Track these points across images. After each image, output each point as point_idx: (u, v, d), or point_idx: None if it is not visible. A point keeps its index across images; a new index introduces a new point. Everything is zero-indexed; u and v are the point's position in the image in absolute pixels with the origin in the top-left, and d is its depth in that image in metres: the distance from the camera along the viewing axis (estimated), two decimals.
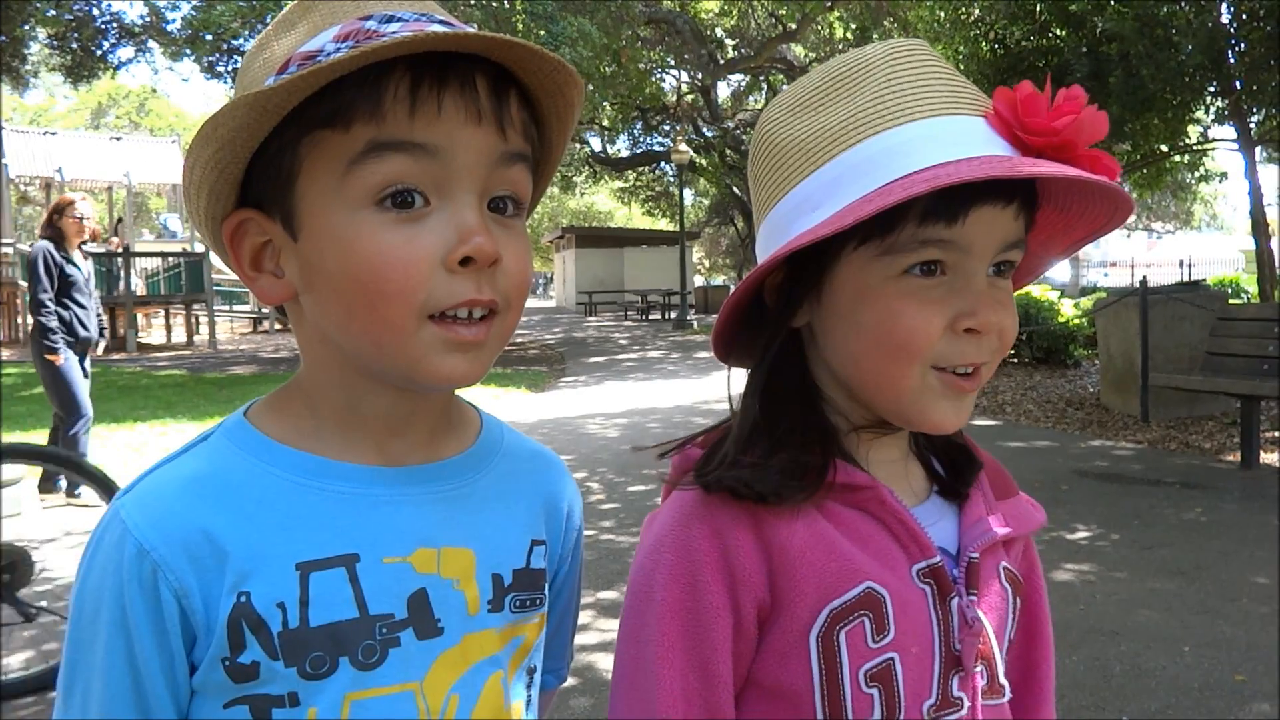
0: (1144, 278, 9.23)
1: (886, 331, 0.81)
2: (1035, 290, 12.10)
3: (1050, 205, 0.88)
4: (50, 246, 6.07)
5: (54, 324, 5.98)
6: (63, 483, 6.35)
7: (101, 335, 6.56)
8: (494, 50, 0.72)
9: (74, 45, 17.91)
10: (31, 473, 5.92)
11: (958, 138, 0.79)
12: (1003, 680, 0.88)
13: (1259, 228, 9.64)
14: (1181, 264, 29.58)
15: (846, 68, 0.85)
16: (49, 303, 5.98)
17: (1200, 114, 10.80)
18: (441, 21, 0.75)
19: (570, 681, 3.38)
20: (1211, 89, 9.50)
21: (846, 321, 0.84)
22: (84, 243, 6.35)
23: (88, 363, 6.46)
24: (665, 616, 0.82)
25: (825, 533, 0.83)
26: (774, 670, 0.83)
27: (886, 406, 0.86)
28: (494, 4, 14.50)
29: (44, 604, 3.67)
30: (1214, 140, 11.83)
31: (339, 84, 0.69)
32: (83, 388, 6.27)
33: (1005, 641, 0.92)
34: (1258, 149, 10.27)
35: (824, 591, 0.81)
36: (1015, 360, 12.01)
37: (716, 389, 11.02)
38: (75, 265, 6.17)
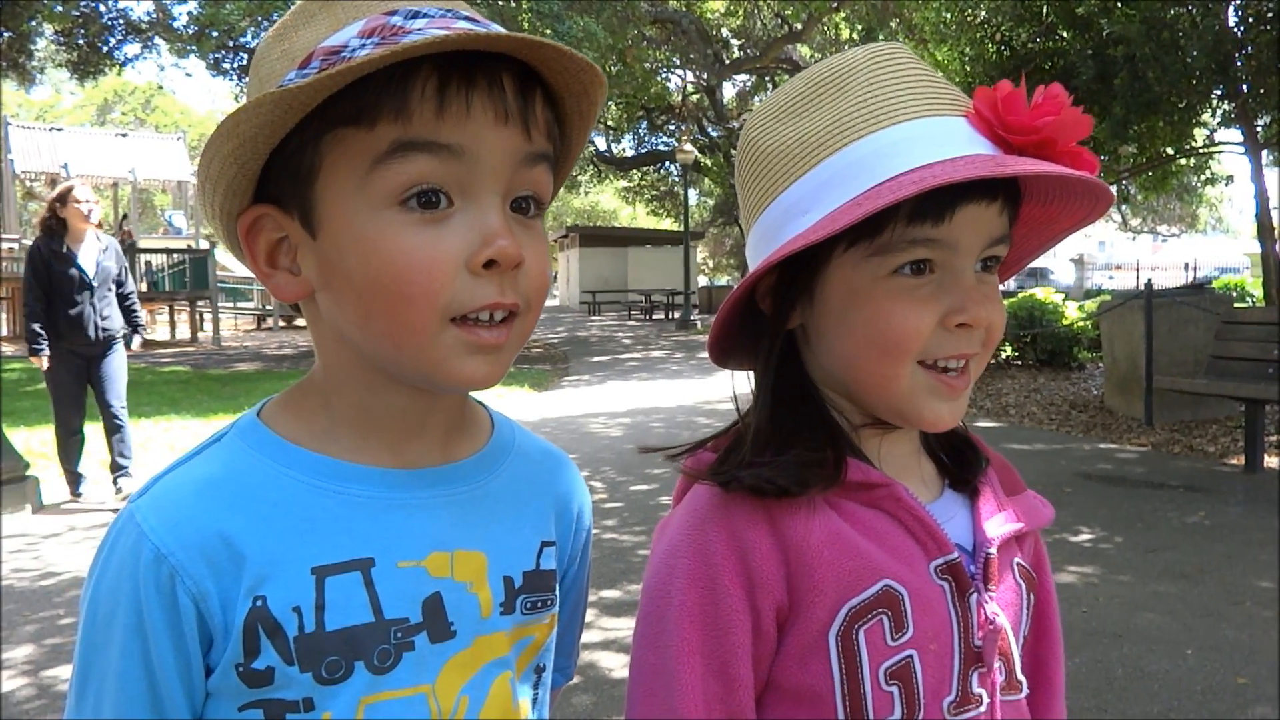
0: (1149, 280, 9.20)
1: (879, 331, 0.83)
2: (1040, 293, 12.08)
3: (1033, 200, 0.90)
4: (41, 244, 5.92)
5: (35, 326, 5.92)
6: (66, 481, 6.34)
7: (127, 336, 6.23)
8: (522, 50, 0.71)
9: (80, 41, 17.97)
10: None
11: (942, 138, 0.80)
12: (1020, 676, 0.89)
13: (1264, 231, 9.61)
14: (1186, 267, 29.59)
15: (829, 73, 0.86)
16: (33, 303, 5.93)
17: (1206, 117, 10.78)
18: (467, 17, 0.74)
19: (572, 679, 3.37)
20: (1218, 92, 9.48)
21: (839, 322, 0.85)
22: (99, 228, 6.11)
23: (118, 357, 6.15)
24: (683, 621, 0.81)
25: (842, 532, 0.83)
26: (794, 671, 0.83)
27: (881, 405, 0.87)
28: (500, 2, 14.49)
29: None
30: (1220, 143, 11.81)
31: (363, 80, 0.68)
32: (65, 399, 6.06)
33: (1021, 637, 0.92)
34: (1264, 152, 10.24)
35: (842, 590, 0.82)
36: (1019, 362, 11.98)
37: (720, 389, 11.01)
38: (74, 261, 5.91)
